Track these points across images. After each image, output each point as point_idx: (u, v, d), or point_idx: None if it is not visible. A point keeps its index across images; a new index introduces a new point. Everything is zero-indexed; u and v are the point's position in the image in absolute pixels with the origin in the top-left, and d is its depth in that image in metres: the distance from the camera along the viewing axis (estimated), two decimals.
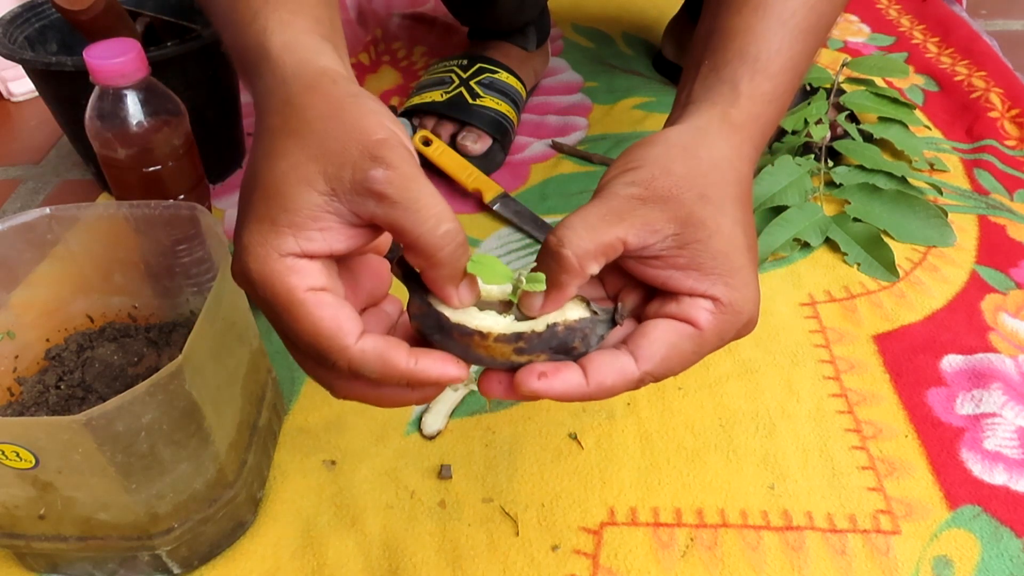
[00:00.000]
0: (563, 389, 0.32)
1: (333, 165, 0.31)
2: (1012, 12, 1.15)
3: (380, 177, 0.30)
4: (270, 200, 0.31)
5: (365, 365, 0.30)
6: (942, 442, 0.55)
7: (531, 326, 0.32)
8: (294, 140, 0.32)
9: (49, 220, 0.53)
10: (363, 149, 0.31)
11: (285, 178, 0.31)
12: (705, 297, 0.34)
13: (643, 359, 0.33)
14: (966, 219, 0.74)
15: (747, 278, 0.34)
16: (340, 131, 0.31)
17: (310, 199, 0.31)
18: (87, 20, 0.66)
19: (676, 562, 0.49)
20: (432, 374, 0.31)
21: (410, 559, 0.49)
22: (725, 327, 0.34)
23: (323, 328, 0.30)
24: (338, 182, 0.31)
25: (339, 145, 0.31)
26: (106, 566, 0.49)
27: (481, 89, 0.86)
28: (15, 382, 0.55)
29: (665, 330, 0.33)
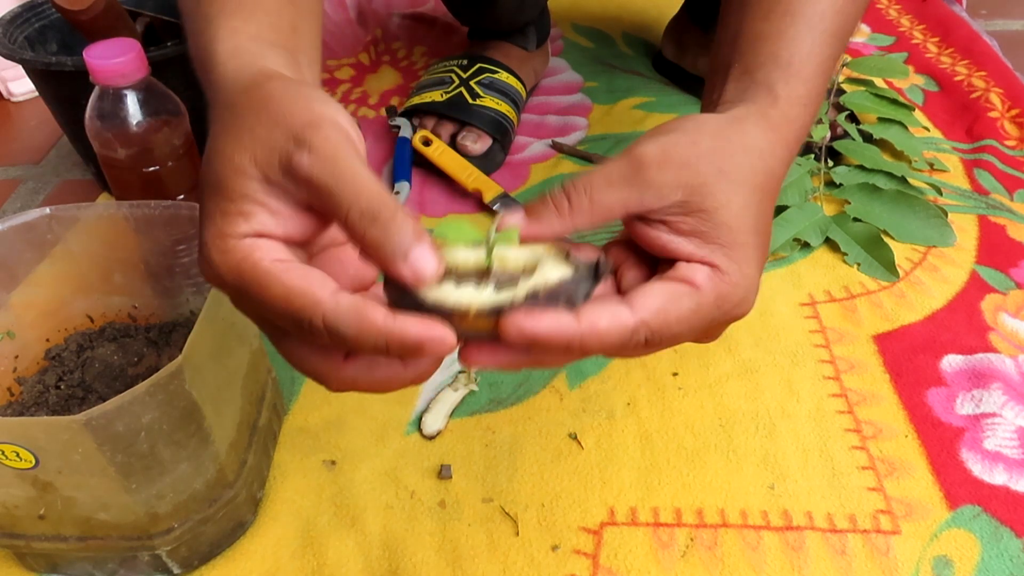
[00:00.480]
0: (551, 326, 0.29)
1: (262, 152, 0.31)
2: (1012, 12, 1.15)
3: (303, 162, 0.30)
4: (216, 195, 0.31)
5: (340, 320, 0.29)
6: (942, 442, 0.55)
7: (511, 297, 0.30)
8: (229, 136, 0.32)
9: (49, 220, 0.53)
10: (288, 134, 0.31)
11: (223, 173, 0.31)
12: (703, 263, 0.33)
13: (639, 307, 0.31)
14: (966, 219, 0.74)
15: (749, 255, 0.34)
16: (267, 120, 0.31)
17: (249, 186, 0.31)
18: (87, 20, 0.66)
19: (676, 562, 0.49)
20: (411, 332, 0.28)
21: (410, 559, 0.49)
22: (723, 293, 0.33)
23: (294, 289, 0.29)
24: (269, 168, 0.31)
25: (266, 132, 0.31)
26: (106, 566, 0.49)
27: (481, 89, 0.86)
28: (15, 382, 0.55)
29: (663, 286, 0.32)
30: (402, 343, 0.28)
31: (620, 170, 0.33)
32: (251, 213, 0.31)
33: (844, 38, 0.43)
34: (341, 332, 0.29)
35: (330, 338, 0.29)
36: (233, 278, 0.30)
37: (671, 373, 0.60)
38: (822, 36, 0.41)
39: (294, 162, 0.30)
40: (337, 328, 0.29)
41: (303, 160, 0.30)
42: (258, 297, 0.30)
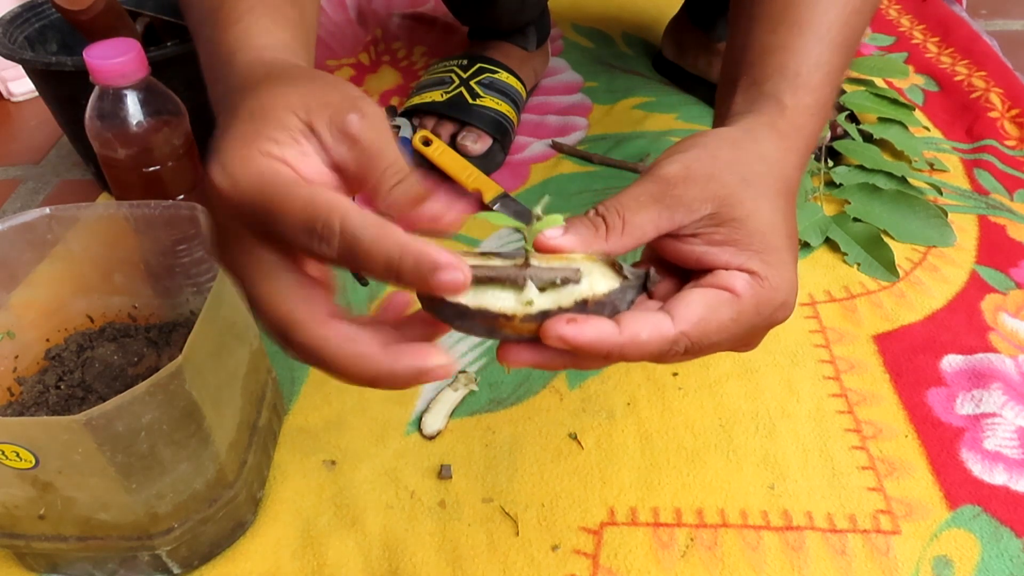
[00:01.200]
0: (595, 336, 0.29)
1: (315, 103, 0.31)
2: (1012, 12, 1.15)
3: (356, 121, 0.31)
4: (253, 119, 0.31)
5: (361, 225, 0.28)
6: (942, 442, 0.55)
7: (558, 303, 0.30)
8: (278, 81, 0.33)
9: (49, 220, 0.53)
10: (344, 97, 0.32)
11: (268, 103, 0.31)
12: (742, 270, 0.33)
13: (680, 319, 0.31)
14: (966, 219, 0.74)
15: (784, 258, 0.34)
16: (322, 83, 0.33)
17: (292, 121, 0.31)
18: (87, 20, 0.66)
19: (676, 562, 0.49)
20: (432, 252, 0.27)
21: (410, 559, 0.49)
22: (762, 300, 0.33)
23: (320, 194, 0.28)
24: (318, 117, 0.31)
25: (321, 91, 0.32)
26: (106, 566, 0.49)
27: (481, 89, 0.86)
28: (15, 382, 0.56)
29: (703, 294, 0.32)
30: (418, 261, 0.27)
31: (648, 191, 0.33)
32: (284, 142, 0.31)
33: (852, 48, 0.44)
34: (357, 235, 0.28)
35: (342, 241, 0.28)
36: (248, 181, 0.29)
37: (671, 373, 0.60)
38: (829, 47, 0.42)
39: (348, 119, 0.31)
40: (355, 231, 0.28)
41: (355, 120, 0.31)
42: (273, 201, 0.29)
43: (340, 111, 0.31)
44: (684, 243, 0.34)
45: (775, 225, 0.34)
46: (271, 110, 0.31)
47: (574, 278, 0.31)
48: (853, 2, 0.43)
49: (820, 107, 0.41)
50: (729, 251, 0.33)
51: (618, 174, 0.82)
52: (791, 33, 0.42)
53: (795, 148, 0.39)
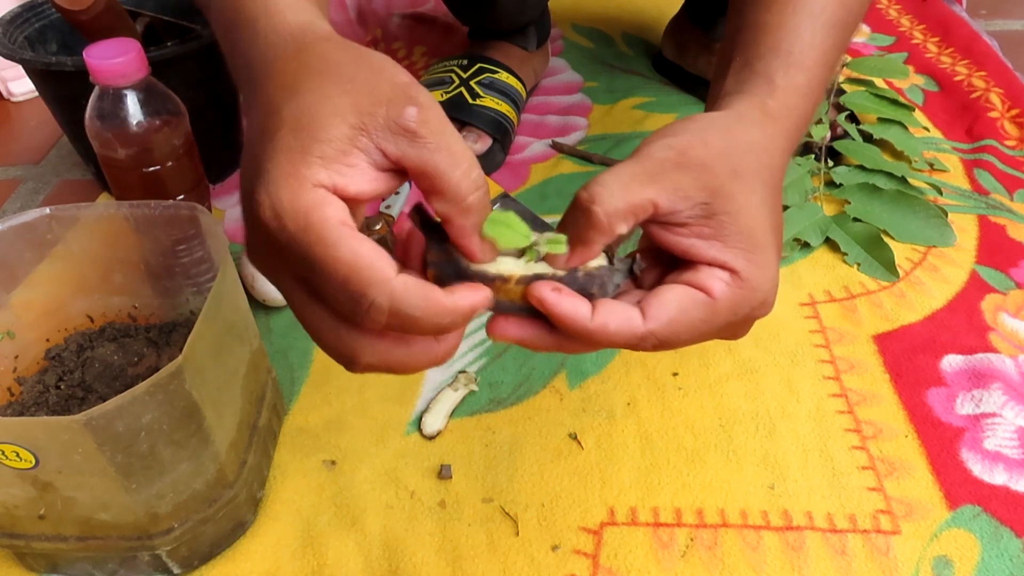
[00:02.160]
0: (568, 310, 0.31)
1: (367, 100, 0.30)
2: (1012, 12, 1.15)
3: (415, 116, 0.30)
4: (299, 131, 0.30)
5: (408, 299, 0.28)
6: (942, 442, 0.55)
7: (552, 270, 0.32)
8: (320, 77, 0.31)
9: (49, 220, 0.53)
10: (395, 88, 0.30)
11: (315, 110, 0.30)
12: (724, 268, 0.33)
13: (651, 317, 0.32)
14: (966, 219, 0.74)
15: (768, 258, 0.34)
16: (368, 71, 0.31)
17: (341, 131, 0.29)
18: (87, 20, 0.66)
19: (676, 562, 0.49)
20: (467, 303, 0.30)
21: (410, 559, 0.49)
22: (739, 301, 0.33)
23: (363, 259, 0.28)
24: (371, 117, 0.30)
25: (370, 83, 0.30)
26: (106, 566, 0.49)
27: (481, 89, 0.86)
28: (15, 382, 0.55)
29: (678, 294, 0.33)
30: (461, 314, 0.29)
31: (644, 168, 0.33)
32: (333, 159, 0.29)
33: (847, 30, 0.43)
34: (407, 312, 0.28)
35: (390, 316, 0.29)
36: (295, 223, 0.29)
37: (671, 373, 0.60)
38: (824, 27, 0.41)
39: (405, 114, 0.29)
40: (403, 307, 0.28)
41: (413, 114, 0.29)
42: (318, 254, 0.28)
43: (395, 104, 0.30)
44: (672, 233, 0.34)
45: (762, 221, 0.34)
46: (317, 119, 0.30)
47: None
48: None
49: (812, 88, 0.40)
50: (716, 247, 0.33)
51: None
52: (785, 12, 0.41)
53: (784, 131, 0.38)
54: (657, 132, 0.36)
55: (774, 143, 0.37)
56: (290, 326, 0.66)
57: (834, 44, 0.42)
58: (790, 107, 0.39)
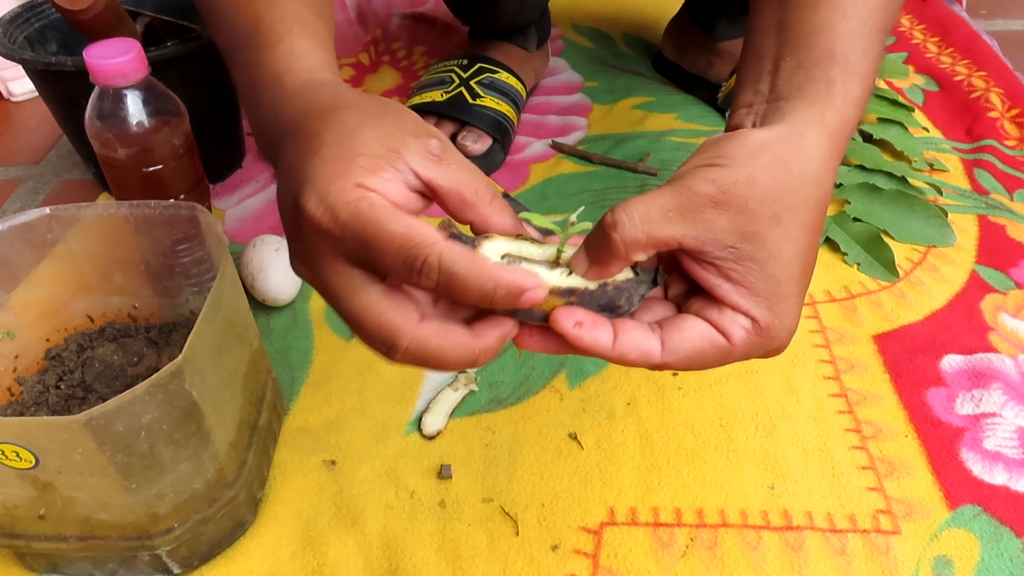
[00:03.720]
0: (590, 344, 0.33)
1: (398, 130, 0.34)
2: (1012, 12, 1.15)
3: (438, 146, 0.34)
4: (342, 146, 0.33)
5: (456, 259, 0.31)
6: (942, 442, 0.55)
7: (584, 283, 0.34)
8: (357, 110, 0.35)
9: (49, 220, 0.53)
10: (418, 123, 0.35)
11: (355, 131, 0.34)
12: (747, 316, 0.34)
13: (669, 351, 0.34)
14: (966, 219, 0.74)
15: (791, 308, 0.35)
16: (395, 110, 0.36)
17: (378, 149, 0.33)
18: (87, 20, 0.66)
19: (676, 562, 0.49)
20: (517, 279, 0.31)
21: (410, 559, 0.49)
22: (754, 348, 0.35)
23: (414, 228, 0.31)
24: (403, 143, 0.34)
25: (398, 118, 0.35)
26: (106, 566, 0.49)
27: (481, 89, 0.86)
28: (15, 382, 0.56)
29: (699, 333, 0.34)
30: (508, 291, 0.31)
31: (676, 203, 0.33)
32: (375, 170, 0.33)
33: (888, 35, 0.42)
34: (455, 270, 0.31)
35: (440, 276, 0.31)
36: (348, 213, 0.32)
37: (671, 373, 0.60)
38: (872, 33, 0.39)
39: (431, 143, 0.34)
40: (452, 266, 0.31)
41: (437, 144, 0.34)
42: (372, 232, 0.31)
43: (422, 136, 0.34)
44: (700, 267, 0.34)
45: (792, 269, 0.34)
46: (358, 138, 0.34)
47: None
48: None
49: (865, 99, 0.39)
50: (741, 292, 0.34)
51: (618, 174, 0.82)
52: (835, 15, 0.39)
53: (839, 150, 0.37)
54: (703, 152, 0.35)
55: (830, 166, 0.36)
56: (290, 326, 0.66)
57: (880, 52, 0.40)
58: (847, 120, 0.38)
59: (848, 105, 0.38)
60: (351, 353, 0.63)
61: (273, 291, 0.66)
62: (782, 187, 0.34)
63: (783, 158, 0.35)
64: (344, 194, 0.32)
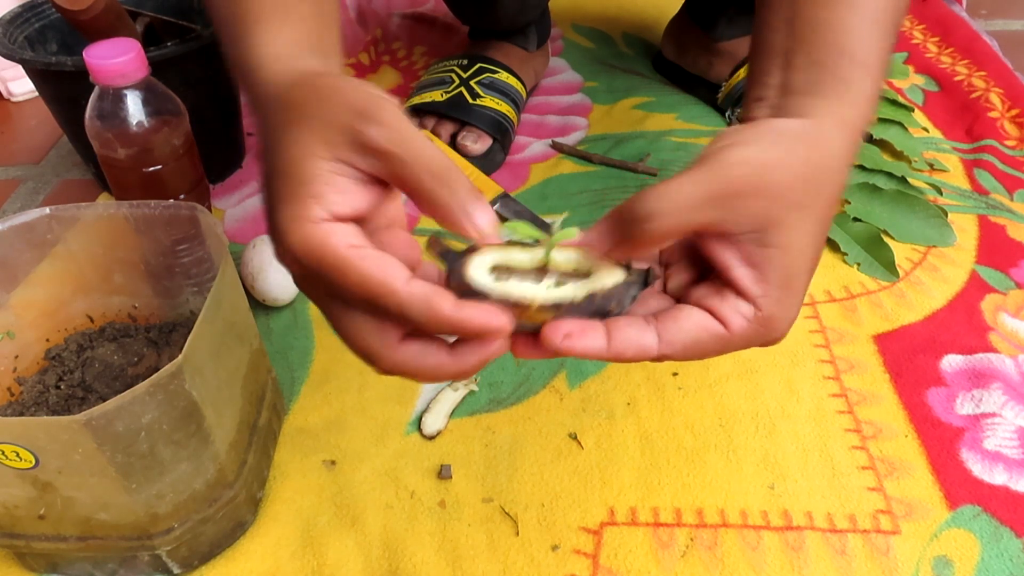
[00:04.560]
0: (583, 350, 0.33)
1: (330, 132, 0.33)
2: (1012, 12, 1.15)
3: (373, 134, 0.32)
4: (288, 180, 0.33)
5: (412, 307, 0.31)
6: (942, 442, 0.55)
7: (571, 295, 0.33)
8: (293, 126, 0.34)
9: (49, 220, 0.53)
10: (352, 112, 0.33)
11: (294, 159, 0.33)
12: (752, 304, 0.34)
13: (666, 343, 0.34)
14: (966, 219, 0.74)
15: (794, 302, 0.35)
16: (329, 105, 0.34)
17: (319, 167, 0.33)
18: (87, 20, 0.66)
19: (676, 562, 0.49)
20: (476, 321, 0.31)
21: (410, 559, 0.49)
22: (753, 337, 0.34)
23: (372, 276, 0.31)
24: (337, 146, 0.33)
25: (331, 115, 0.33)
26: (106, 566, 0.49)
27: (481, 89, 0.86)
28: (15, 382, 0.56)
29: (696, 322, 0.34)
30: (466, 330, 0.31)
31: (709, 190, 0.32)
32: (322, 194, 0.32)
33: (896, 33, 0.42)
34: (412, 318, 0.31)
35: (403, 320, 0.32)
36: (310, 262, 0.32)
37: (671, 373, 0.60)
38: (882, 30, 0.39)
39: (365, 135, 0.32)
40: (408, 314, 0.31)
41: (373, 132, 0.32)
42: (334, 280, 0.32)
43: (353, 129, 0.32)
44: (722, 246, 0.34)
45: (803, 261, 0.34)
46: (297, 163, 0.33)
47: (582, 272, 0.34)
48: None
49: (877, 96, 0.39)
50: (754, 278, 0.34)
51: (618, 174, 0.82)
52: (848, 11, 0.39)
53: (857, 144, 0.38)
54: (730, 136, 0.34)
55: (848, 159, 0.37)
56: (290, 326, 0.66)
57: (889, 49, 0.40)
58: (863, 116, 0.38)
59: (864, 102, 0.38)
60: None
61: (273, 291, 0.66)
62: (810, 176, 0.34)
63: (810, 148, 0.34)
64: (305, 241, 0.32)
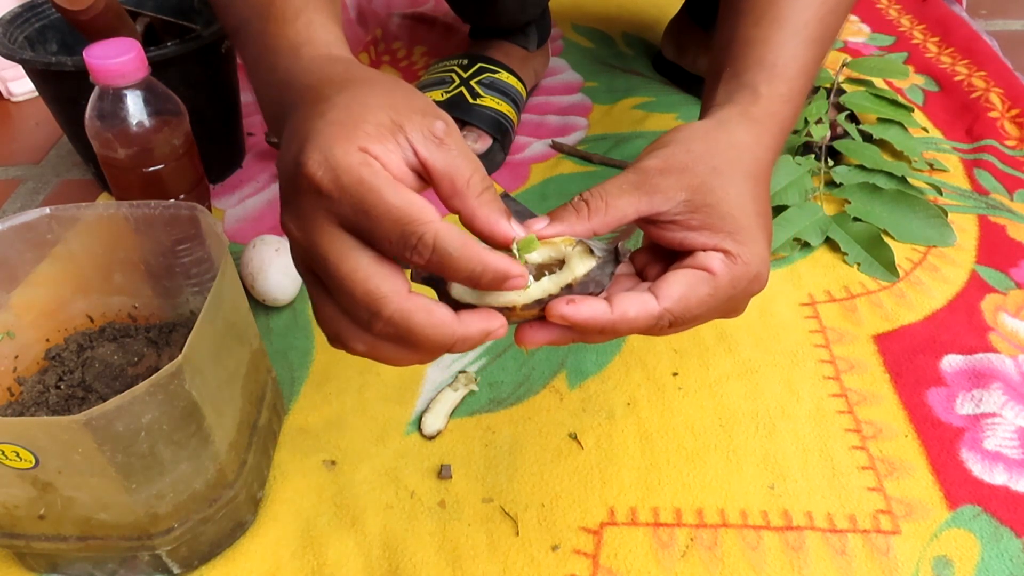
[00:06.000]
0: (589, 314, 0.34)
1: (405, 107, 0.34)
2: (1012, 12, 1.15)
3: (443, 128, 0.34)
4: (350, 111, 0.34)
5: (451, 241, 0.32)
6: (942, 442, 0.55)
7: (548, 291, 0.35)
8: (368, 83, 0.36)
9: (49, 220, 0.53)
10: (427, 104, 0.35)
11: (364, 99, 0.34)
12: (717, 250, 0.37)
13: (663, 297, 0.36)
14: (966, 219, 0.74)
15: (754, 235, 0.38)
16: (405, 88, 0.36)
17: (384, 120, 0.33)
18: (87, 20, 0.66)
19: (676, 562, 0.49)
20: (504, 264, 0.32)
21: (410, 559, 0.49)
22: (736, 275, 0.37)
23: (414, 203, 0.32)
24: (408, 120, 0.34)
25: (408, 96, 0.35)
26: (106, 566, 0.49)
27: (481, 89, 0.86)
28: (15, 382, 0.56)
29: (683, 274, 0.37)
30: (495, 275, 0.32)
31: (629, 180, 0.38)
32: (376, 137, 0.33)
33: (827, 43, 0.48)
34: (448, 249, 0.32)
35: (433, 254, 0.32)
36: (350, 176, 0.32)
37: (671, 373, 0.60)
38: (805, 42, 0.46)
39: (436, 124, 0.34)
40: (446, 245, 0.32)
41: (442, 126, 0.34)
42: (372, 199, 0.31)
43: (428, 116, 0.34)
44: (666, 230, 0.38)
45: (743, 207, 0.38)
46: (366, 106, 0.34)
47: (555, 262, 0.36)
48: (828, 3, 0.47)
49: (793, 95, 0.45)
50: (704, 234, 0.37)
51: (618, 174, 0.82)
52: (772, 28, 0.46)
53: (768, 131, 0.42)
54: (652, 143, 0.41)
55: (757, 140, 0.41)
56: (290, 326, 0.66)
57: (814, 56, 0.47)
58: (772, 112, 0.43)
59: (773, 101, 0.44)
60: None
61: (273, 291, 0.66)
62: (713, 149, 0.39)
63: (710, 133, 0.41)
64: (347, 157, 0.32)
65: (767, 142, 0.42)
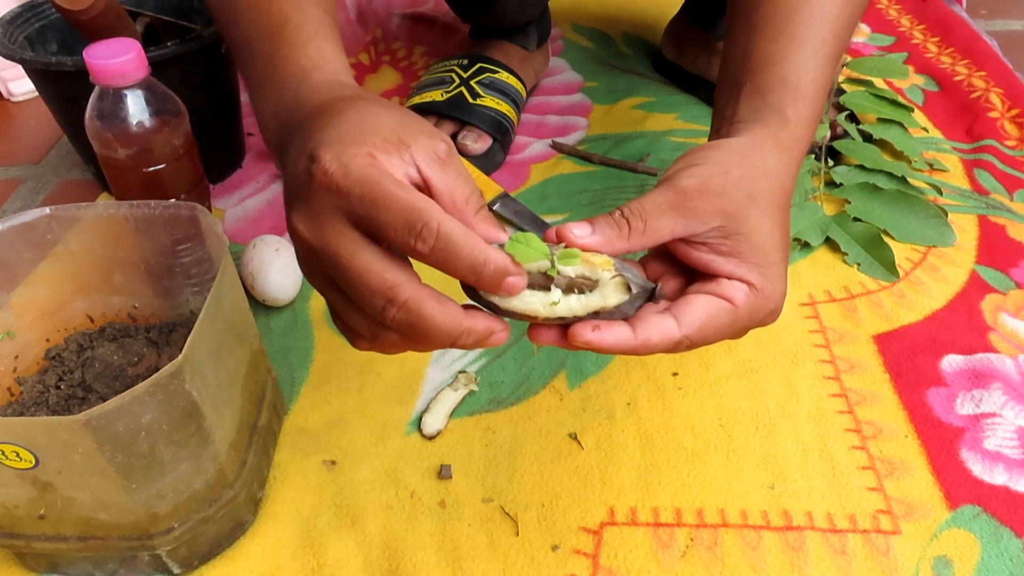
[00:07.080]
0: (614, 341, 0.36)
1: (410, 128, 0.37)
2: (1012, 12, 1.15)
3: (445, 150, 0.37)
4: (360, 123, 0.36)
5: (455, 231, 0.33)
6: (942, 442, 0.55)
7: (575, 312, 0.36)
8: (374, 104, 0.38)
9: (49, 220, 0.53)
10: (431, 130, 0.37)
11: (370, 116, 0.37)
12: (742, 281, 0.38)
13: (684, 324, 0.37)
14: (966, 219, 0.74)
15: (779, 272, 0.39)
16: (411, 115, 0.38)
17: (391, 136, 0.36)
18: (87, 20, 0.66)
19: (676, 562, 0.49)
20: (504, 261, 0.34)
21: (410, 559, 0.49)
22: (756, 308, 0.38)
23: (420, 200, 0.33)
24: (414, 140, 0.36)
25: (414, 120, 0.38)
26: (106, 566, 0.49)
27: (481, 89, 0.86)
28: (15, 382, 0.56)
29: (705, 302, 0.37)
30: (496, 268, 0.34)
31: (667, 199, 0.38)
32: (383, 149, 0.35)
33: (839, 59, 0.49)
34: (451, 238, 0.33)
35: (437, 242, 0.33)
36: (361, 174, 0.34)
37: (671, 373, 0.60)
38: (823, 61, 0.46)
39: (439, 146, 0.37)
40: (450, 235, 0.33)
41: (444, 149, 0.37)
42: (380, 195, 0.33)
43: (433, 138, 0.37)
44: (695, 249, 0.38)
45: (774, 240, 0.39)
46: (375, 122, 0.36)
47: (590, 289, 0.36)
48: (843, 19, 0.47)
49: (815, 119, 0.45)
50: (733, 262, 0.38)
51: (618, 174, 0.82)
52: (792, 46, 0.45)
53: (795, 159, 0.43)
54: (683, 159, 0.40)
55: (787, 168, 0.42)
56: (290, 326, 0.66)
57: (830, 76, 0.47)
58: (798, 137, 0.44)
59: (800, 126, 0.44)
60: (351, 353, 0.63)
61: (273, 291, 0.66)
62: (750, 175, 0.39)
63: (746, 156, 0.40)
64: (357, 158, 0.34)
65: (793, 169, 0.43)
